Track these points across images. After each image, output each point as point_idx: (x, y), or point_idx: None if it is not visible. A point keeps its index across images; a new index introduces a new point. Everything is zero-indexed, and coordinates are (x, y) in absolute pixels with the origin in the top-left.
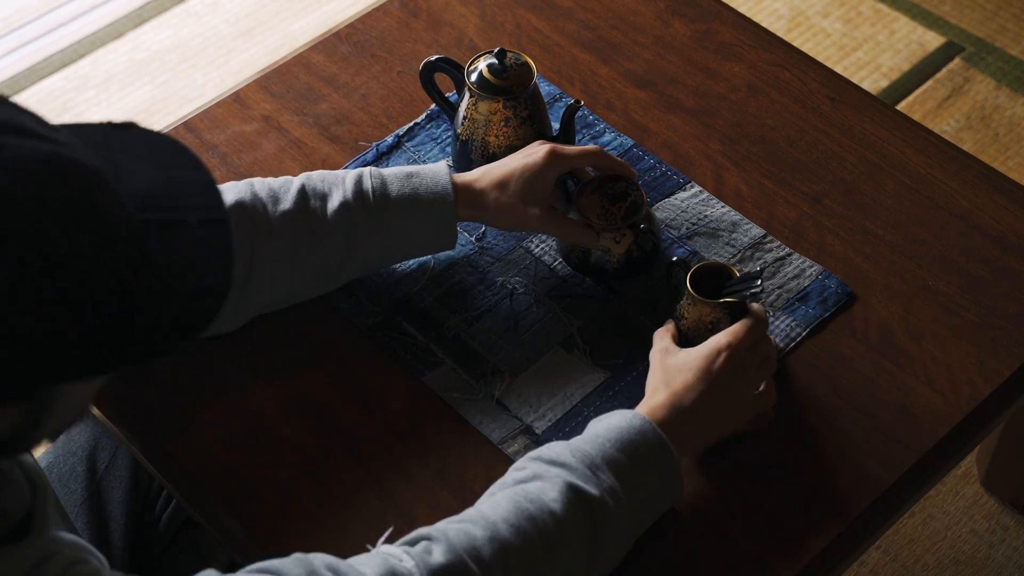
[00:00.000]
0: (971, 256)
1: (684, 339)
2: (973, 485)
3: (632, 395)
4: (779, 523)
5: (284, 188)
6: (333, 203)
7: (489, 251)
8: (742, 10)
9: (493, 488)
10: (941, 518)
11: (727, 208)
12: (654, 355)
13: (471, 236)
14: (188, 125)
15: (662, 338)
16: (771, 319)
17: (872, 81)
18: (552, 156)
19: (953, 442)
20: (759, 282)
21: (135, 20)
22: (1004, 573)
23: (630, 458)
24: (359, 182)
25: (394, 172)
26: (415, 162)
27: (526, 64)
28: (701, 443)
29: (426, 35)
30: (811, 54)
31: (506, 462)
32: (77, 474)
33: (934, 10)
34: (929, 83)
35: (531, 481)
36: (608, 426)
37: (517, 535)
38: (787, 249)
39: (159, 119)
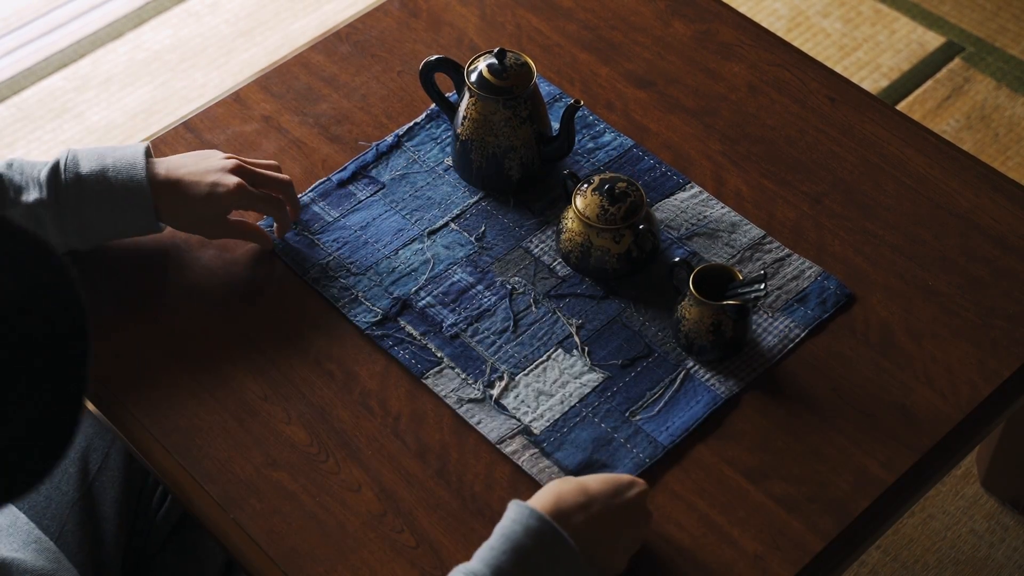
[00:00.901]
0: (971, 256)
1: (684, 340)
2: (973, 485)
3: (630, 396)
4: (779, 523)
5: None
6: (27, 197)
7: (488, 251)
8: (742, 10)
9: None
10: (941, 518)
11: (727, 209)
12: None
13: (471, 236)
14: (188, 125)
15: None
16: (770, 320)
17: (872, 81)
18: (239, 191)
19: (953, 442)
20: (763, 285)
21: (135, 20)
22: (1004, 573)
23: (521, 566)
24: (54, 169)
25: (89, 155)
26: (415, 162)
27: (526, 64)
28: (610, 565)
29: (426, 35)
30: (811, 54)
31: (505, 462)
32: (69, 475)
33: (934, 10)
34: (929, 83)
35: None
36: (502, 532)
37: None
38: (786, 250)
39: (159, 119)
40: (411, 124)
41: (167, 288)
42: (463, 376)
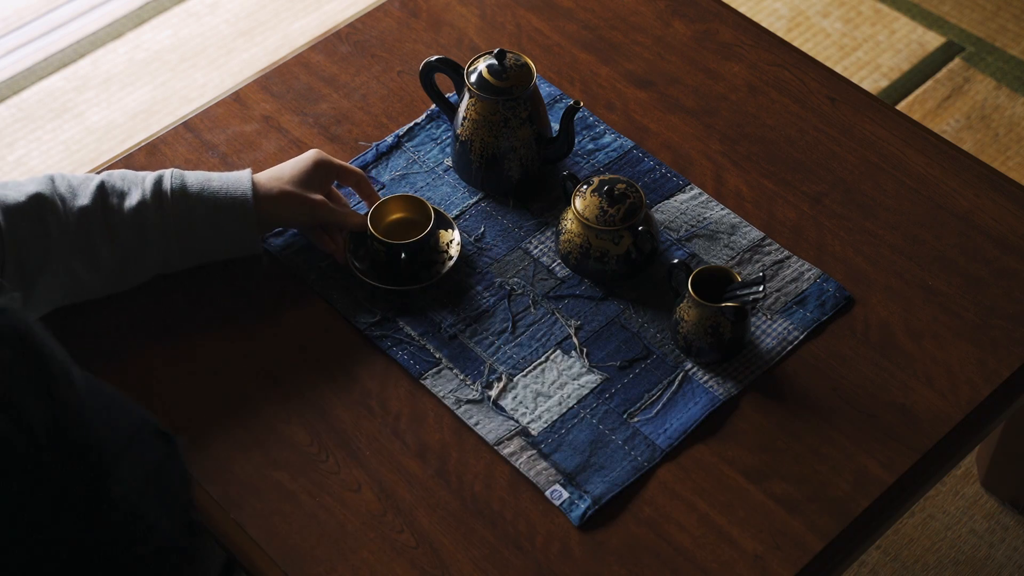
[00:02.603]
0: (971, 256)
1: (683, 342)
2: (973, 485)
3: (629, 397)
4: (779, 523)
5: (84, 184)
6: (131, 201)
7: (488, 252)
8: (742, 10)
9: None
10: (941, 518)
11: (726, 210)
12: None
13: (470, 236)
14: (188, 125)
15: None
16: (768, 322)
17: (872, 81)
18: (317, 156)
19: (953, 442)
20: (761, 288)
21: (135, 20)
22: (1004, 573)
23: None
24: (159, 181)
25: (195, 174)
26: (415, 162)
27: (526, 65)
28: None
29: (426, 35)
30: (811, 54)
31: (505, 461)
32: None
33: (934, 10)
34: (929, 83)
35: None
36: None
37: None
38: (786, 252)
39: (159, 119)
40: (411, 124)
41: (167, 289)
42: (461, 377)
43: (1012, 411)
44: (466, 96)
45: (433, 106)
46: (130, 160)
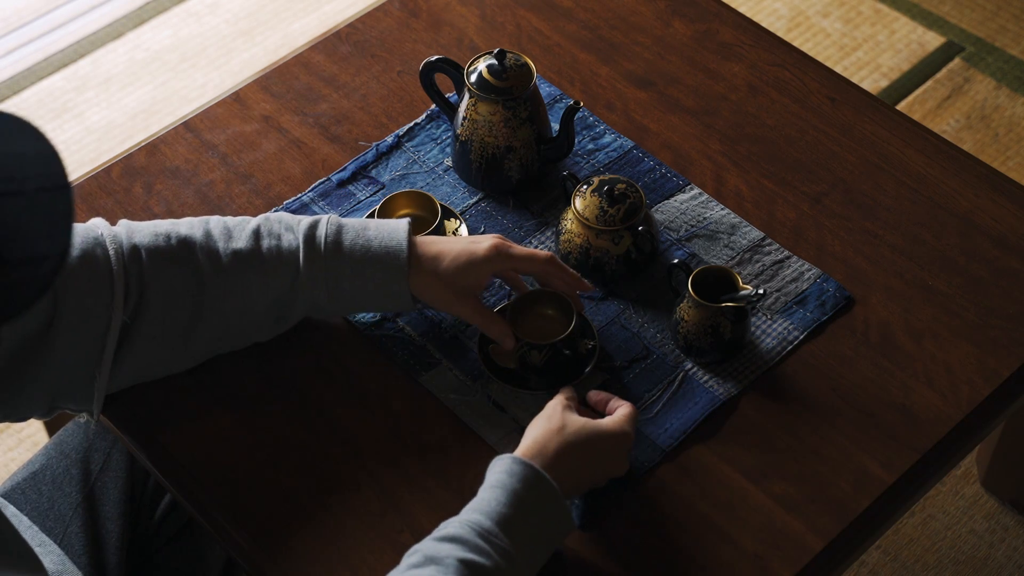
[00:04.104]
0: (971, 256)
1: (683, 342)
2: (973, 485)
3: (628, 397)
4: (779, 523)
5: (240, 227)
6: (284, 244)
7: None
8: (742, 10)
9: None
10: (941, 518)
11: (726, 211)
12: (556, 405)
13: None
14: (188, 125)
15: (568, 397)
16: (769, 322)
17: (872, 81)
18: (494, 251)
19: (953, 442)
20: (761, 290)
21: (135, 20)
22: (1004, 573)
23: (518, 508)
24: (313, 227)
25: (352, 222)
26: (415, 162)
27: (526, 65)
28: (576, 486)
29: (426, 35)
30: (811, 54)
31: None
32: (71, 476)
33: (934, 10)
34: (929, 83)
35: (424, 566)
36: (493, 483)
37: None
38: (785, 252)
39: (159, 119)
40: (411, 124)
41: None
42: (461, 377)
43: (1012, 411)
44: (466, 96)
45: (433, 106)
46: (130, 160)
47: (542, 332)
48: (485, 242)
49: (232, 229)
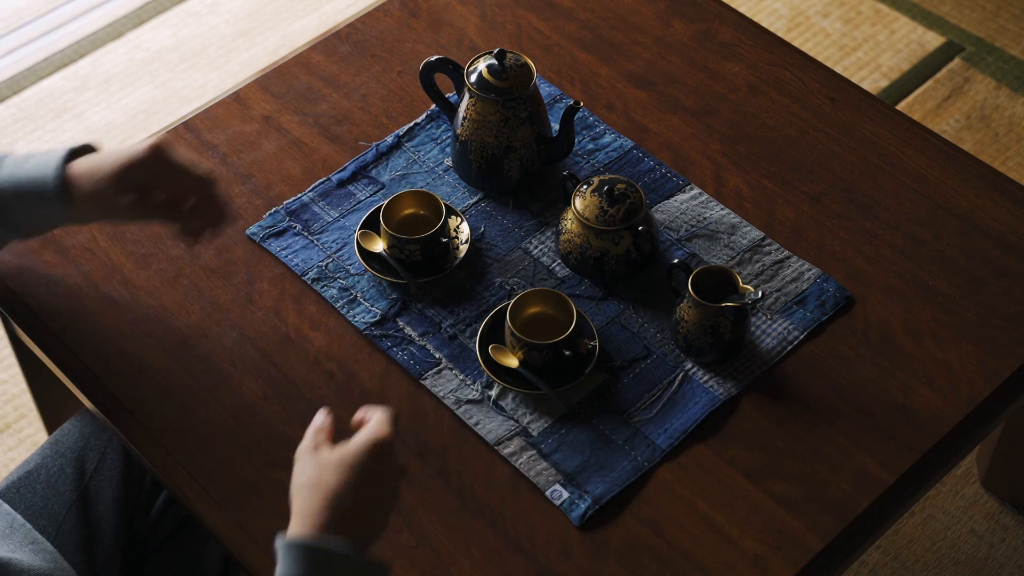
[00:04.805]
0: (971, 256)
1: (683, 342)
2: (973, 485)
3: (629, 397)
4: (779, 523)
5: None
6: None
7: (488, 252)
8: (742, 10)
9: None
10: (941, 518)
11: (726, 211)
12: (304, 454)
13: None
14: (188, 125)
15: (314, 435)
16: (769, 322)
17: (872, 81)
18: (154, 148)
19: (953, 442)
20: (760, 293)
21: (135, 20)
22: (1004, 573)
23: None
24: None
25: (17, 156)
26: (415, 162)
27: (526, 65)
28: (375, 528)
29: (426, 35)
30: (811, 54)
31: (505, 461)
32: (66, 475)
33: (934, 10)
34: (929, 83)
35: None
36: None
37: None
38: (785, 252)
39: (159, 119)
40: (411, 124)
41: (166, 289)
42: (461, 377)
43: (1012, 411)
44: (466, 96)
45: (433, 106)
46: None
47: (542, 332)
48: (143, 143)
49: None
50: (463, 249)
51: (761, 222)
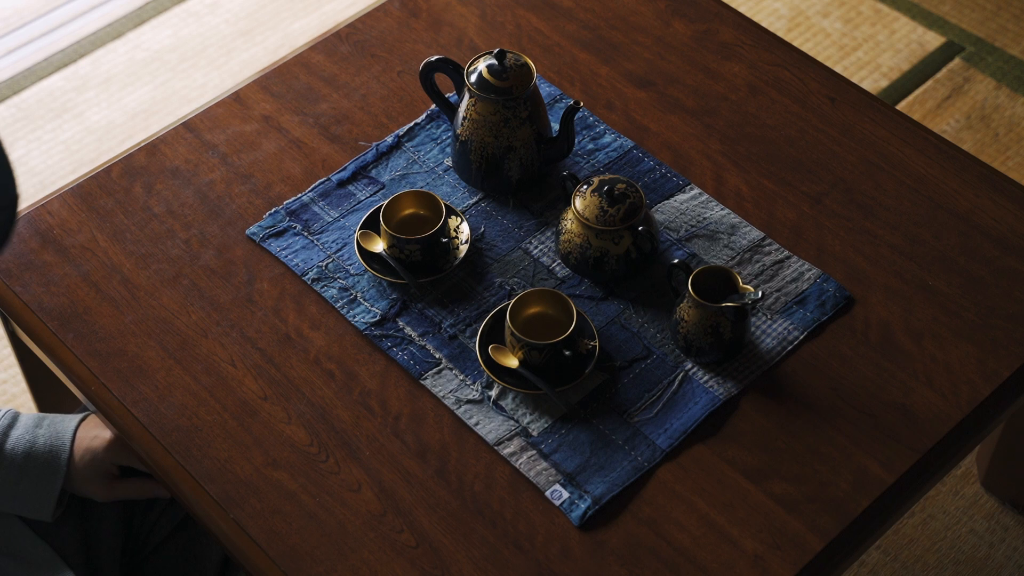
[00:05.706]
0: (971, 256)
1: (683, 342)
2: (973, 485)
3: (629, 397)
4: (779, 523)
5: None
6: None
7: (488, 252)
8: (742, 10)
9: None
10: (941, 518)
11: (726, 211)
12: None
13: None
14: (188, 125)
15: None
16: (769, 322)
17: (872, 81)
18: (116, 441)
19: (953, 442)
20: (759, 294)
21: (135, 20)
22: (1004, 573)
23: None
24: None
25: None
26: (415, 162)
27: (526, 65)
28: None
29: (426, 35)
30: (811, 54)
31: (505, 461)
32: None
33: (934, 10)
34: (929, 83)
35: None
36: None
37: None
38: (785, 252)
39: (159, 119)
40: (411, 124)
41: (166, 289)
42: (461, 377)
43: (1012, 411)
44: (466, 96)
45: (433, 106)
46: (130, 160)
47: (542, 332)
48: (104, 434)
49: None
50: (463, 249)
51: (761, 222)
